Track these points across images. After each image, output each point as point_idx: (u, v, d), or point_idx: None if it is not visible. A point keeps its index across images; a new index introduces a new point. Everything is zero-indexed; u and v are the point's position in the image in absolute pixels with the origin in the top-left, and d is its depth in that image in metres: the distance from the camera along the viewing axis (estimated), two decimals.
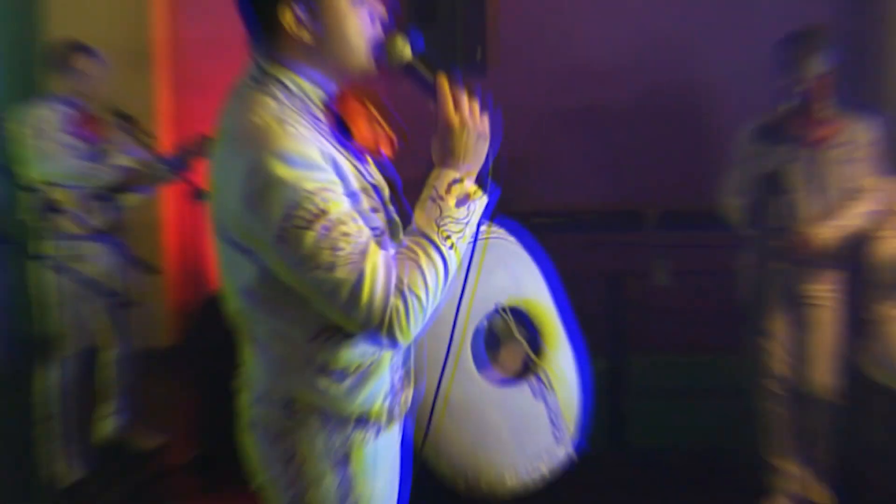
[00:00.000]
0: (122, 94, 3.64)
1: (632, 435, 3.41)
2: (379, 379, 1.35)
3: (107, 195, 3.23)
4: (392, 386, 1.38)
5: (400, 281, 1.20)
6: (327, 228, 1.16)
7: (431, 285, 1.22)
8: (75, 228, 3.22)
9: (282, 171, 1.15)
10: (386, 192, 1.38)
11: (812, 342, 2.86)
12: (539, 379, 1.85)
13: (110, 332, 3.54)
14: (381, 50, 1.28)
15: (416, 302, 1.20)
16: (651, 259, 3.47)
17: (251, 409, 1.40)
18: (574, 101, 4.12)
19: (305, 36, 1.26)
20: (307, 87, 1.30)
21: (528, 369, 1.87)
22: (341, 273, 1.17)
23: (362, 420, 1.36)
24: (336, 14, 1.25)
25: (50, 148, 3.18)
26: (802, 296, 2.84)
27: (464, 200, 1.25)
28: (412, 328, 1.22)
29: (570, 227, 3.63)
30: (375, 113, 1.39)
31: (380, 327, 1.19)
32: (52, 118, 3.22)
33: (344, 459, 1.35)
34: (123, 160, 3.23)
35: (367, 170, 1.33)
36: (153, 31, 4.31)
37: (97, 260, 3.07)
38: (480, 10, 3.60)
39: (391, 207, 1.39)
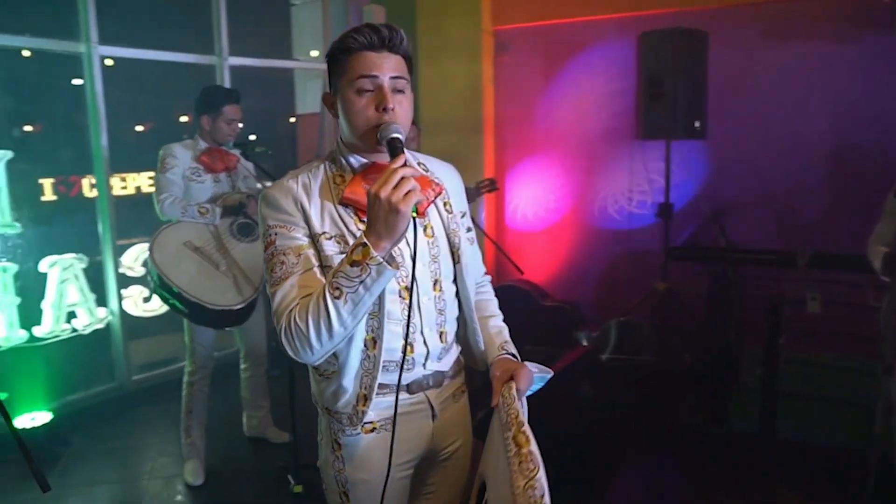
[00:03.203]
0: (465, 150, 5.01)
1: (780, 427, 3.56)
2: (338, 385, 1.45)
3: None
4: (355, 397, 1.45)
5: (293, 307, 1.32)
6: (271, 254, 1.37)
7: (312, 319, 1.28)
8: None
9: (262, 206, 1.41)
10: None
11: None
12: None
13: None
14: (377, 129, 1.38)
15: (296, 328, 1.29)
16: (806, 291, 3.58)
17: None
18: (763, 160, 4.40)
19: (335, 114, 1.46)
20: (347, 160, 1.46)
21: None
22: (271, 287, 1.35)
23: (332, 413, 1.49)
24: (344, 99, 1.40)
25: None
26: None
27: (357, 263, 1.25)
28: (297, 345, 1.30)
29: (746, 262, 3.84)
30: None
31: (279, 336, 1.33)
32: None
33: (336, 443, 1.50)
34: None
35: (352, 222, 1.41)
36: (485, 109, 5.21)
37: None
38: (700, 92, 4.02)
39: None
